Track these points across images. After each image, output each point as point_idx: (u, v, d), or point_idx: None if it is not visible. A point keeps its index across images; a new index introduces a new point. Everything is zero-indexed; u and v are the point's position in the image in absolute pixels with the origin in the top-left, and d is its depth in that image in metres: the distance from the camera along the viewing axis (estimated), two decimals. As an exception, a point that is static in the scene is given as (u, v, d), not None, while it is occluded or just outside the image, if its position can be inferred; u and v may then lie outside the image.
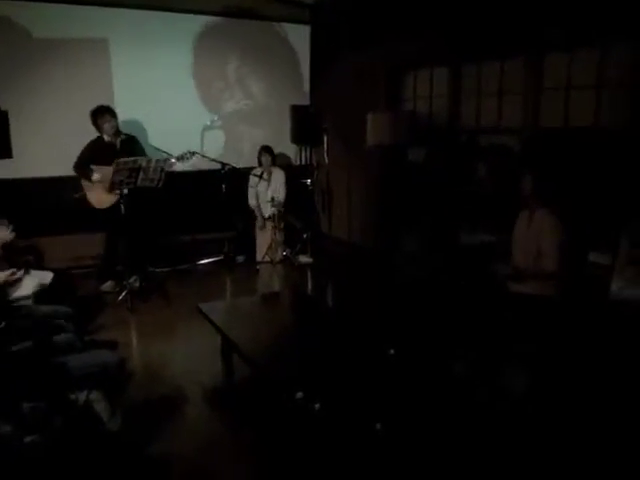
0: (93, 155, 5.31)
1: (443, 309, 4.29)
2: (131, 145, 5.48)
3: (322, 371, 2.95)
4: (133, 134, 5.65)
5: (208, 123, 6.92)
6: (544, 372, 3.31)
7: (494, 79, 5.26)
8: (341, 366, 3.00)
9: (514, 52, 4.98)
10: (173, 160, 5.58)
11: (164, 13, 6.42)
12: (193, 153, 5.75)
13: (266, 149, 6.62)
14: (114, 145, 5.40)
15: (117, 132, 5.42)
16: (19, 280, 3.49)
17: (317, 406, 2.50)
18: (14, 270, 3.17)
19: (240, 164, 6.58)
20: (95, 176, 5.23)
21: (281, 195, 6.61)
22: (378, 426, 2.39)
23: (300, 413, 2.60)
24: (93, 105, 5.40)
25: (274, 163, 6.69)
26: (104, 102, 5.46)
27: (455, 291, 4.44)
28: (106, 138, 5.39)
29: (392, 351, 3.08)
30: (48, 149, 5.93)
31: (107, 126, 5.32)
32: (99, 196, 5.26)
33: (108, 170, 5.01)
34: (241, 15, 6.87)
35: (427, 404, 2.69)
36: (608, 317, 3.57)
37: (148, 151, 5.72)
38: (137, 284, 5.39)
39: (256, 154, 6.76)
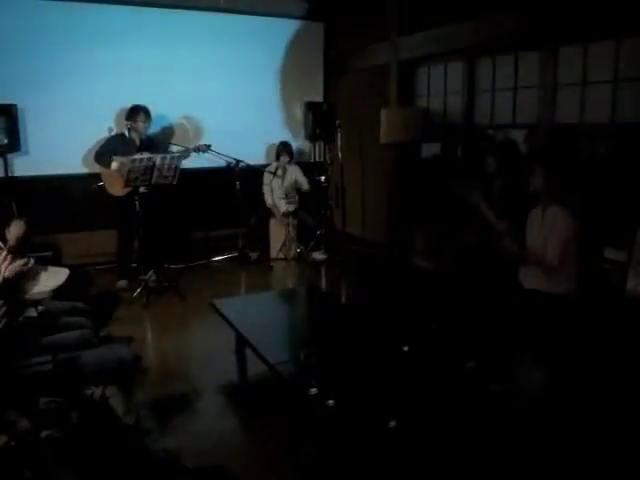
0: (114, 148, 5.48)
1: (457, 305, 4.27)
2: (149, 143, 5.68)
3: (336, 367, 2.96)
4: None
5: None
6: (559, 370, 3.28)
7: (509, 74, 5.22)
8: (355, 363, 3.01)
9: (530, 46, 4.94)
10: (191, 152, 5.87)
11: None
12: (209, 146, 5.98)
13: (285, 148, 6.66)
14: (135, 141, 5.58)
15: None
16: (35, 273, 3.50)
17: (331, 402, 2.51)
18: (26, 260, 3.17)
19: (253, 161, 6.59)
20: (114, 164, 5.37)
21: (305, 184, 6.75)
22: (392, 423, 2.39)
23: (314, 409, 2.60)
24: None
25: (290, 159, 6.72)
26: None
27: (469, 287, 4.42)
28: (128, 135, 5.59)
29: (406, 348, 3.08)
30: (64, 146, 5.99)
31: (141, 125, 5.58)
32: (116, 184, 5.33)
33: (126, 159, 5.13)
34: (256, 12, 6.88)
35: (441, 401, 2.68)
36: (623, 315, 3.53)
37: (164, 148, 5.93)
38: (154, 278, 5.45)
39: (267, 150, 6.81)
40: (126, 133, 5.61)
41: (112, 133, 5.85)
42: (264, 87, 7.14)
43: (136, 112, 5.58)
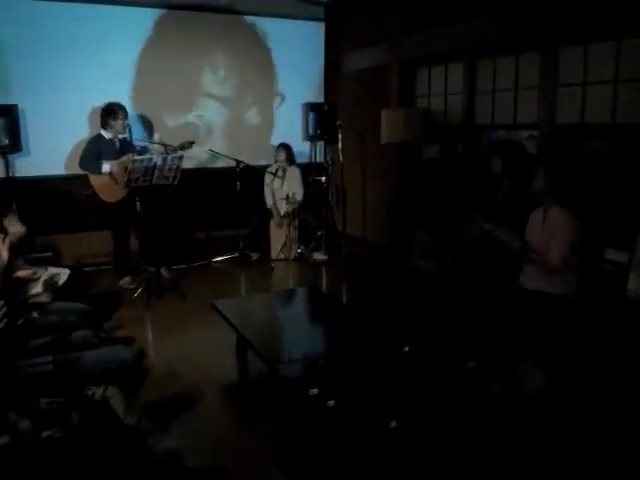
0: (98, 152, 5.31)
1: (458, 306, 4.27)
2: (128, 145, 5.51)
3: (337, 368, 2.96)
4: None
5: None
6: (560, 371, 3.28)
7: (509, 75, 5.22)
8: (356, 363, 3.01)
9: (529, 47, 4.94)
10: (179, 152, 5.44)
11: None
12: (192, 142, 5.80)
13: (283, 146, 6.63)
14: (114, 143, 5.42)
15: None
16: (38, 279, 3.55)
17: (331, 403, 2.51)
18: (35, 270, 3.24)
19: (253, 161, 6.60)
20: (105, 166, 5.24)
21: (299, 195, 6.62)
22: (393, 424, 2.39)
23: (314, 410, 2.60)
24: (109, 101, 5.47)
25: (291, 160, 6.69)
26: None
27: (471, 288, 4.42)
28: (107, 136, 5.39)
29: (407, 348, 3.07)
30: (65, 147, 6.00)
31: (120, 124, 5.37)
32: (109, 189, 5.25)
33: (115, 163, 5.13)
34: (256, 12, 6.90)
35: (442, 402, 2.68)
36: (624, 316, 3.53)
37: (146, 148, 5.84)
38: (167, 275, 5.51)
39: (267, 151, 6.85)
40: (104, 134, 5.39)
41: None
42: (264, 87, 7.16)
43: (116, 110, 5.35)
